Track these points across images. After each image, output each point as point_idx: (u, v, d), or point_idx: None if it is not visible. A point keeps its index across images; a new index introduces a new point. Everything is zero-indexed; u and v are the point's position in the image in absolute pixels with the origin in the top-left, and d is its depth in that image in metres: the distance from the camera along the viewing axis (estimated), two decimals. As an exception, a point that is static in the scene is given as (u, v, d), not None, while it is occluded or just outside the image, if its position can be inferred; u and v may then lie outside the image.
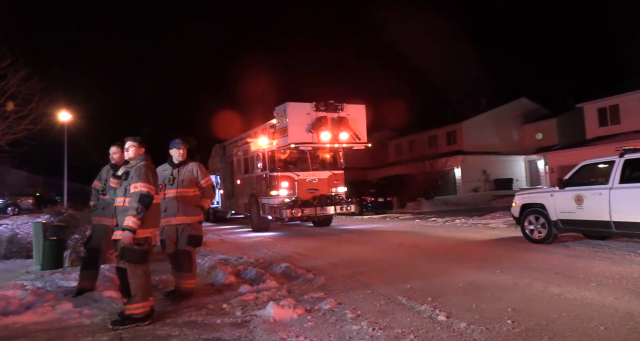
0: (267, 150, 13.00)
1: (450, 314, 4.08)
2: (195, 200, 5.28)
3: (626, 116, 24.45)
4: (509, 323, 3.76)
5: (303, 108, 12.18)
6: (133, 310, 4.16)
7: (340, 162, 13.72)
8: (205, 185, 5.35)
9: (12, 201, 27.00)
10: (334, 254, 8.32)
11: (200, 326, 4.10)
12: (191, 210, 5.22)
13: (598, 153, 12.21)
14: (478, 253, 7.78)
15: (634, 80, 25.27)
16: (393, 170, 31.35)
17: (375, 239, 10.58)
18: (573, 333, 3.51)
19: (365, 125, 12.97)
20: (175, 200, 5.18)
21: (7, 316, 4.49)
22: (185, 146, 5.40)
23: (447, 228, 12.22)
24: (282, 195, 12.52)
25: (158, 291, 5.35)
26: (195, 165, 5.36)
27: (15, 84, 13.61)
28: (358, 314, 4.23)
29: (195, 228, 5.25)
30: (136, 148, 4.49)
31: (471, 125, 33.59)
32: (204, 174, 5.36)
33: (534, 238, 8.30)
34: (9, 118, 13.72)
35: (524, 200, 8.76)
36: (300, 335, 3.74)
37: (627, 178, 6.97)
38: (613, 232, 7.20)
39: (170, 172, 5.32)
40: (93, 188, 5.83)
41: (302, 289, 5.39)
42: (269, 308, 4.31)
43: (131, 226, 4.09)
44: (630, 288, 4.74)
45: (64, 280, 6.00)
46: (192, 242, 5.20)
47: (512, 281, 5.27)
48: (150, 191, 4.23)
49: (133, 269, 4.17)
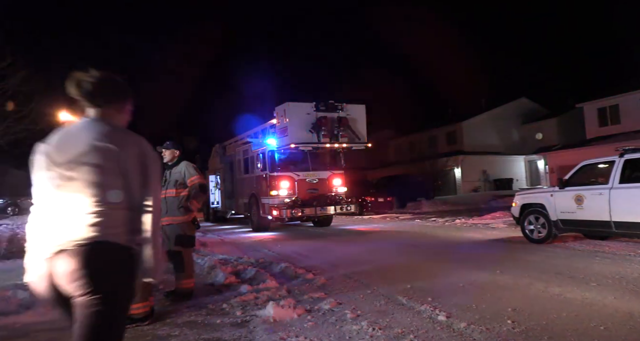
0: (267, 150, 12.99)
1: (450, 314, 4.08)
2: (179, 200, 5.24)
3: (626, 116, 24.46)
4: (509, 323, 3.76)
5: (303, 108, 12.18)
6: (133, 310, 4.15)
7: (340, 162, 13.72)
8: (190, 184, 5.27)
9: (12, 201, 27.02)
10: (334, 254, 8.32)
11: (200, 326, 4.10)
12: (176, 211, 5.21)
13: (598, 153, 12.21)
14: (478, 253, 7.78)
15: (634, 80, 25.29)
16: (393, 170, 31.34)
17: (375, 239, 10.58)
18: (573, 333, 3.50)
19: (366, 125, 12.97)
20: (164, 200, 5.20)
21: (7, 316, 4.49)
22: (171, 149, 5.41)
23: (447, 228, 12.22)
24: (282, 195, 12.52)
25: (158, 292, 5.35)
26: (184, 165, 5.34)
27: (15, 84, 13.61)
28: (358, 314, 4.23)
29: (184, 229, 5.22)
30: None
31: (471, 125, 33.61)
32: (191, 174, 5.28)
33: (534, 238, 8.29)
34: (9, 118, 13.73)
35: (524, 200, 8.76)
36: (300, 335, 3.74)
37: (627, 178, 6.97)
38: (613, 232, 7.20)
39: (164, 173, 5.38)
40: None
41: (301, 289, 5.39)
42: (269, 308, 4.31)
43: None
44: (630, 288, 4.74)
45: (64, 280, 5.99)
46: (180, 242, 5.17)
47: (512, 281, 5.27)
48: None
49: None
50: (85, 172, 1.87)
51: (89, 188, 1.87)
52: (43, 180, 1.93)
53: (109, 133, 1.95)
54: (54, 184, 1.89)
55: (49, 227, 1.89)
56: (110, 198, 1.88)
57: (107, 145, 1.91)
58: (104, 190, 1.87)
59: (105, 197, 1.87)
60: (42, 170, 1.93)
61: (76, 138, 1.94)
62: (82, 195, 1.86)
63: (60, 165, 1.90)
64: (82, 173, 1.87)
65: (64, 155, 1.91)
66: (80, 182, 1.87)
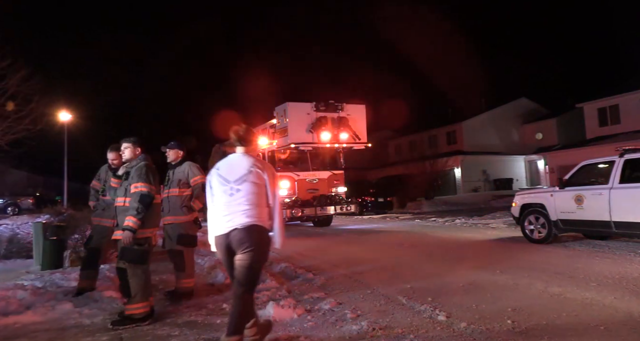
0: (267, 150, 13.00)
1: (450, 314, 4.08)
2: (182, 200, 5.26)
3: (626, 116, 24.45)
4: (509, 323, 3.76)
5: (303, 108, 12.19)
6: (133, 310, 4.16)
7: (340, 162, 13.72)
8: (194, 184, 5.30)
9: (12, 201, 26.99)
10: (334, 254, 8.32)
11: (200, 326, 4.10)
12: (179, 211, 5.22)
13: (598, 153, 12.22)
14: (478, 253, 7.78)
15: (634, 80, 25.28)
16: (393, 170, 31.32)
17: (375, 239, 10.58)
18: (573, 333, 3.51)
19: (365, 125, 12.98)
20: (167, 200, 5.22)
21: (7, 316, 4.49)
22: (175, 149, 5.42)
23: (447, 228, 12.22)
24: (282, 195, 12.51)
25: (158, 291, 5.35)
26: (188, 165, 5.36)
27: (15, 84, 13.59)
28: (358, 314, 4.23)
29: (186, 228, 5.24)
30: (132, 149, 4.48)
31: (471, 125, 33.59)
32: (194, 174, 5.32)
33: (534, 238, 8.29)
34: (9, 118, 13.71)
35: (524, 200, 8.76)
36: (300, 335, 3.74)
37: (627, 178, 6.97)
38: (613, 232, 7.20)
39: (168, 172, 5.38)
40: (92, 188, 5.83)
41: (302, 289, 5.39)
42: (269, 308, 4.31)
43: (131, 226, 4.09)
44: (630, 288, 4.74)
45: (64, 280, 6.00)
46: (182, 241, 5.19)
47: (512, 281, 5.27)
48: (151, 191, 4.23)
49: (133, 269, 4.17)
50: (248, 186, 3.26)
51: (250, 195, 3.25)
52: (221, 191, 3.29)
53: (255, 162, 3.36)
54: (229, 193, 3.27)
55: (225, 217, 3.24)
56: (262, 201, 3.31)
57: (257, 170, 3.29)
58: (258, 197, 3.28)
59: (258, 200, 3.28)
60: (220, 185, 3.31)
61: (238, 166, 3.33)
62: (246, 199, 3.23)
63: (232, 182, 3.28)
64: (246, 187, 3.26)
65: (233, 175, 3.29)
66: (245, 192, 3.25)
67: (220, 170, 3.37)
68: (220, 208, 3.30)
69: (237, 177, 3.27)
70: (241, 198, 3.24)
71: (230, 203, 3.26)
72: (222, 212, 3.27)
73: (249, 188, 3.25)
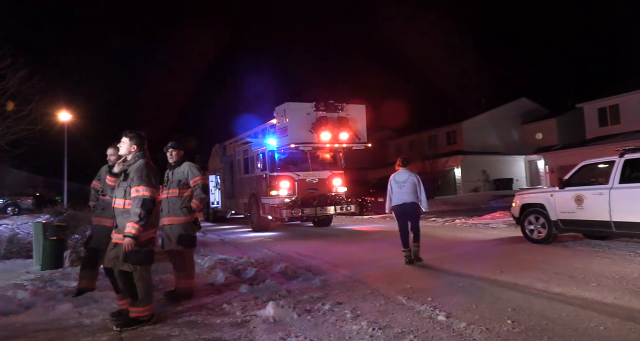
0: (267, 150, 12.99)
1: (450, 314, 4.08)
2: (182, 201, 5.24)
3: (626, 116, 24.47)
4: (509, 323, 3.76)
5: (303, 108, 12.18)
6: (140, 313, 4.11)
7: (341, 162, 13.72)
8: (194, 184, 5.26)
9: (12, 201, 26.99)
10: (334, 254, 8.32)
11: (200, 326, 4.10)
12: (178, 211, 5.21)
13: (598, 153, 12.21)
14: (478, 253, 7.78)
15: (634, 80, 25.30)
16: (393, 170, 31.26)
17: (375, 239, 10.58)
18: (573, 333, 3.51)
19: (366, 125, 12.96)
20: (166, 200, 5.21)
21: (7, 316, 4.49)
22: (175, 149, 5.40)
23: (447, 228, 12.22)
24: (282, 195, 12.52)
25: (158, 292, 5.35)
26: (188, 165, 5.33)
27: (15, 84, 13.59)
28: (358, 314, 4.23)
29: (186, 228, 5.21)
30: (128, 144, 4.30)
31: (471, 125, 33.61)
32: (194, 174, 5.28)
33: (534, 238, 8.29)
34: (9, 118, 13.71)
35: (524, 200, 8.75)
36: (300, 335, 3.74)
37: (627, 178, 6.97)
38: (613, 232, 7.19)
39: (166, 173, 5.37)
40: (92, 188, 5.83)
41: (301, 289, 5.39)
42: (269, 308, 4.30)
43: (133, 233, 3.94)
44: (630, 288, 4.74)
45: (64, 280, 6.00)
46: (182, 241, 5.17)
47: (512, 281, 5.27)
48: (153, 194, 4.10)
49: (140, 272, 4.09)
50: (408, 185, 6.88)
51: (412, 191, 6.88)
52: (395, 186, 6.98)
53: (412, 173, 7.04)
54: (397, 187, 6.96)
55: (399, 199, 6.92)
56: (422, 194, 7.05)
57: (414, 177, 7.00)
58: (416, 192, 6.93)
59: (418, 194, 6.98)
60: (394, 184, 7.01)
61: (404, 175, 7.00)
62: (411, 191, 6.89)
63: (400, 183, 6.93)
64: (408, 185, 6.88)
65: (402, 178, 6.95)
66: (407, 189, 6.87)
67: (394, 177, 7.12)
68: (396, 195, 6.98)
69: (403, 180, 7.04)
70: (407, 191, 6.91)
71: (398, 193, 6.96)
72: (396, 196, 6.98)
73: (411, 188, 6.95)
